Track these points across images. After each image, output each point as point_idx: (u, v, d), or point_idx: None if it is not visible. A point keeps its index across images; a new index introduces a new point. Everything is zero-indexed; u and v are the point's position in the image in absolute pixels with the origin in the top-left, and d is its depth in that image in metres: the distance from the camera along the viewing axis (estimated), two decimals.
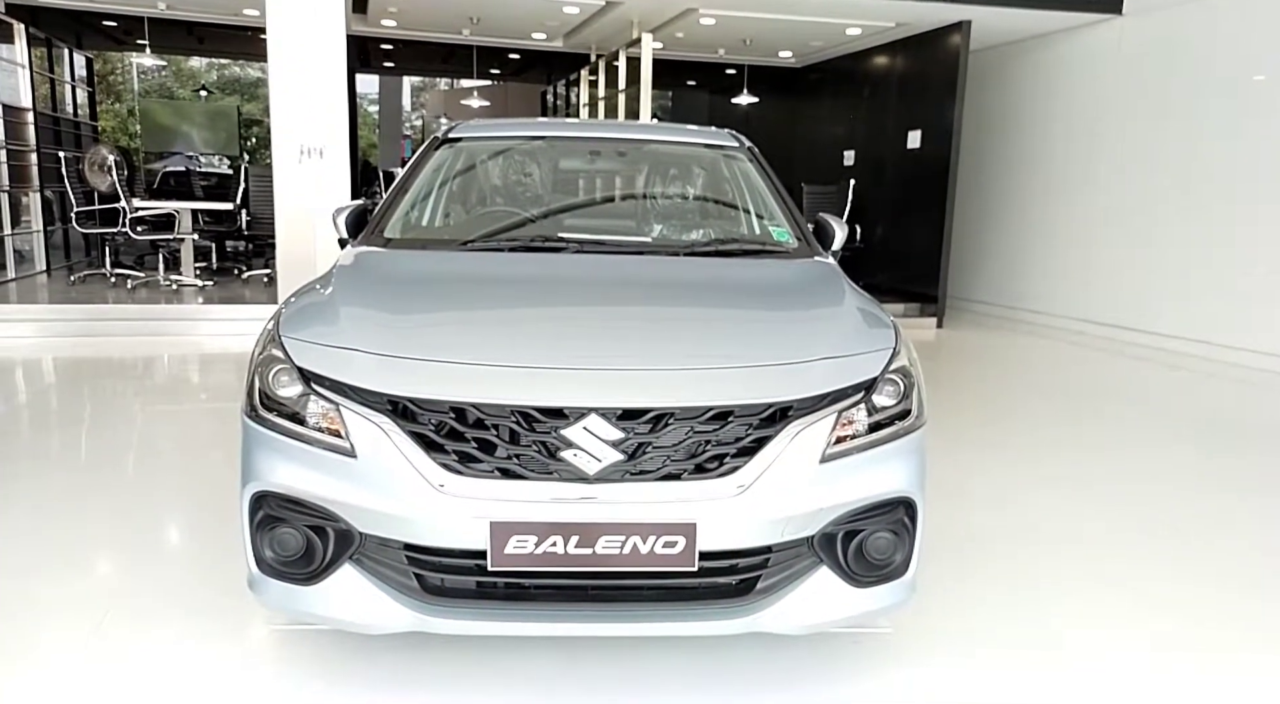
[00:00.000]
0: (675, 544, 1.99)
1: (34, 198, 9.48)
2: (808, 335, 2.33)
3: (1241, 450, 4.88)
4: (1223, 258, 7.52)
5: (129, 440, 4.54)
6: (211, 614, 2.59)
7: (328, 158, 7.12)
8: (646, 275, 2.81)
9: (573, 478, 1.99)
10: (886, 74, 10.37)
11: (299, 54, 6.97)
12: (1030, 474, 4.28)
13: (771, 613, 2.08)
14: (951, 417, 5.19)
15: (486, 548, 1.97)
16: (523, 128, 3.81)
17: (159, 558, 3.10)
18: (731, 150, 3.59)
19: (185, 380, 6.29)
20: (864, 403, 2.16)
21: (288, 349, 2.17)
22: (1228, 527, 3.64)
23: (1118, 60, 8.48)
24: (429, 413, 2.02)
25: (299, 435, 2.07)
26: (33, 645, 2.43)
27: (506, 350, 2.16)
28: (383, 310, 2.33)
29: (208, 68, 25.20)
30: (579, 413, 2.00)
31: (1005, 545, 3.32)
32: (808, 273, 2.89)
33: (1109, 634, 2.64)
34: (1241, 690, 2.39)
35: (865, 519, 2.14)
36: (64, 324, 7.12)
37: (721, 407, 2.04)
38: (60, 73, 11.02)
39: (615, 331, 2.37)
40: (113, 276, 8.74)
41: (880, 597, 2.18)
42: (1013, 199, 9.83)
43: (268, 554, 2.11)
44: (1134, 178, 8.34)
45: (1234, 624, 2.76)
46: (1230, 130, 7.42)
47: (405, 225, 3.18)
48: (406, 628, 2.05)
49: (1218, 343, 7.48)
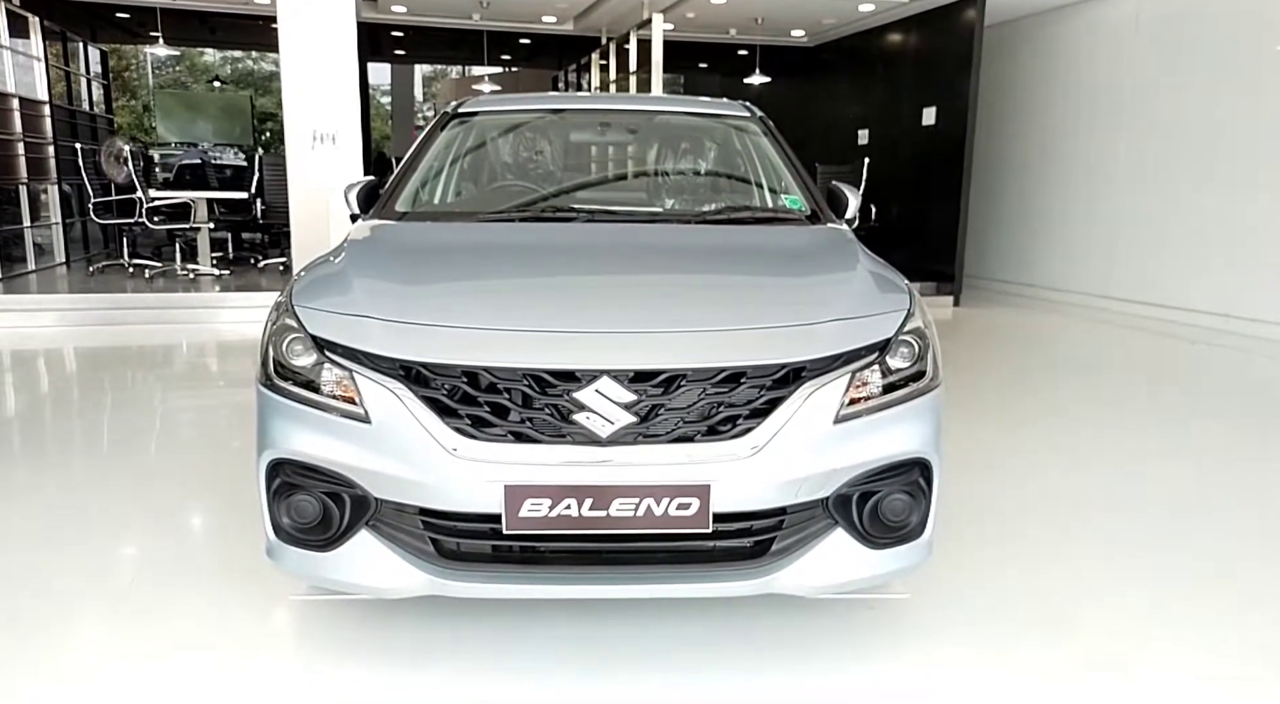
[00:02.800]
0: (689, 506, 1.99)
1: (52, 191, 9.57)
2: (820, 298, 2.32)
3: (1263, 424, 4.81)
4: (1244, 230, 7.41)
5: (150, 424, 4.59)
6: (231, 585, 2.62)
7: (340, 144, 7.15)
8: (658, 242, 2.80)
9: (586, 441, 1.99)
10: (900, 51, 10.26)
11: (310, 39, 6.99)
12: (1050, 448, 4.24)
13: (787, 575, 2.08)
14: (971, 393, 5.16)
15: (501, 511, 1.97)
16: (533, 102, 3.80)
17: (180, 533, 3.13)
18: (743, 121, 3.56)
19: (204, 367, 6.34)
20: (878, 364, 2.15)
21: (301, 318, 2.18)
22: (1250, 500, 3.60)
23: (1136, 32, 8.35)
24: (442, 377, 2.02)
25: (314, 403, 2.09)
26: (61, 612, 2.46)
27: (518, 315, 2.17)
28: (395, 279, 2.34)
29: (221, 62, 25.34)
30: (591, 375, 2.00)
31: (1024, 517, 3.30)
32: (820, 239, 2.87)
33: (1127, 609, 2.62)
34: (1258, 667, 2.36)
35: (880, 480, 2.12)
36: (84, 313, 7.19)
37: (734, 368, 2.03)
38: (75, 67, 11.10)
39: (627, 295, 2.36)
40: (131, 267, 8.81)
41: (896, 558, 2.17)
42: (1030, 175, 9.72)
43: (285, 521, 2.13)
44: (1153, 151, 8.22)
45: (1255, 600, 2.73)
46: (1252, 101, 7.30)
47: (416, 199, 3.19)
48: (422, 591, 2.06)
49: (1239, 316, 7.38)
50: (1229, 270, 7.52)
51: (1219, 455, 4.14)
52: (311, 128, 7.07)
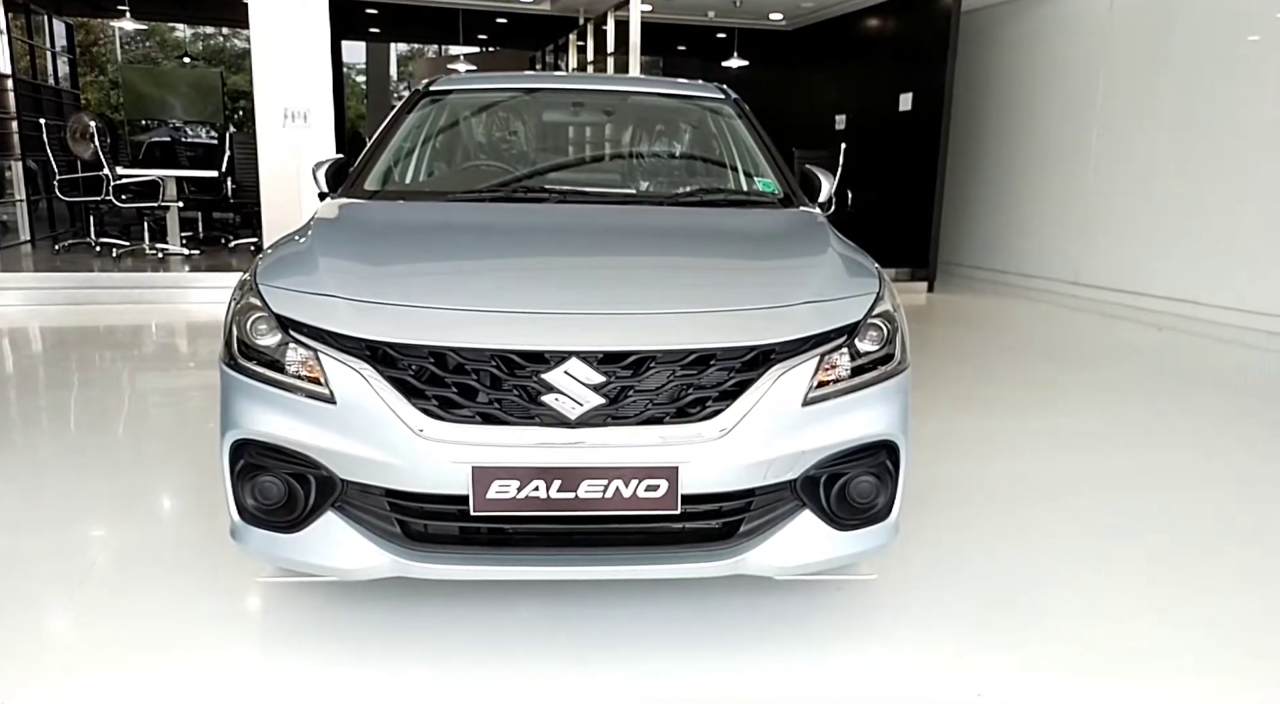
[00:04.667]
0: (658, 488, 1.99)
1: (16, 167, 9.37)
2: (790, 281, 2.32)
3: (1235, 408, 4.89)
4: (1217, 219, 7.50)
5: (118, 405, 4.52)
6: (197, 568, 2.59)
7: (312, 122, 7.04)
8: (629, 223, 2.79)
9: (554, 422, 1.98)
10: (878, 36, 10.26)
11: (281, 13, 6.86)
12: (1018, 432, 4.29)
13: (754, 556, 2.09)
14: (941, 377, 5.20)
15: (468, 493, 1.96)
16: (507, 81, 3.77)
17: (146, 514, 3.09)
18: (719, 103, 3.55)
19: (172, 347, 6.25)
20: (847, 347, 2.15)
21: (265, 297, 2.15)
22: (1215, 480, 3.66)
23: (1110, 20, 8.40)
24: (408, 358, 2.00)
25: (278, 383, 2.06)
26: (21, 595, 2.42)
27: (487, 295, 2.15)
28: (362, 259, 2.31)
29: (192, 38, 24.86)
30: (560, 357, 1.99)
31: (991, 499, 3.33)
32: (792, 222, 2.87)
33: (1096, 590, 2.65)
34: (1235, 640, 2.41)
35: (848, 462, 2.14)
36: (49, 293, 7.06)
37: (703, 350, 2.03)
38: (41, 40, 10.85)
39: (596, 276, 2.35)
40: (98, 246, 8.65)
41: (863, 539, 2.18)
42: (1005, 162, 9.78)
43: (249, 502, 2.11)
44: (1127, 139, 8.30)
45: (1220, 572, 2.79)
46: (1224, 91, 7.37)
47: (386, 178, 3.15)
48: (389, 573, 2.05)
49: (1211, 304, 7.49)
50: (1198, 258, 7.61)
51: (1186, 440, 4.21)
52: (283, 105, 6.96)
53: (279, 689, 2.05)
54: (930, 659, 2.23)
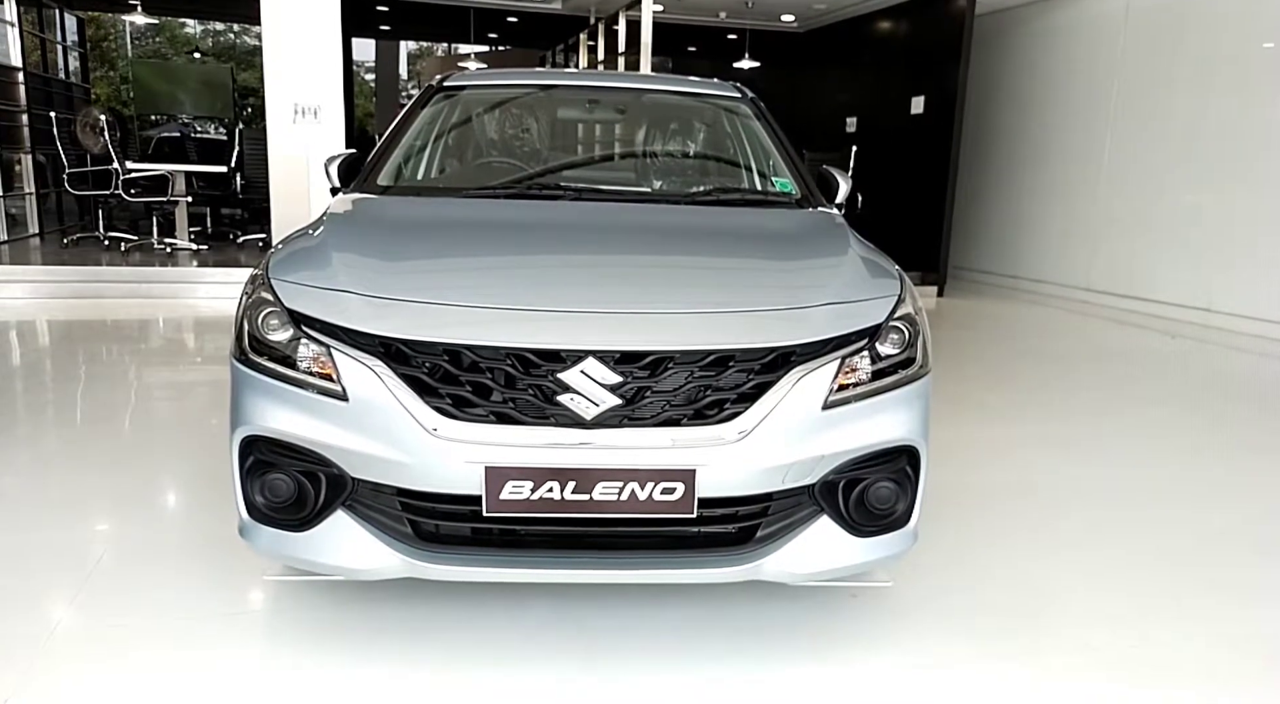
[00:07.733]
0: (674, 491, 1.95)
1: (26, 161, 9.37)
2: (811, 282, 2.28)
3: (1240, 414, 4.84)
4: (1228, 226, 7.44)
5: (125, 400, 4.50)
6: (204, 565, 2.56)
7: (323, 118, 7.02)
8: (647, 222, 2.75)
9: (569, 423, 1.95)
10: (890, 39, 10.21)
11: (293, 9, 6.84)
12: (1031, 435, 4.24)
13: (771, 561, 2.05)
14: (953, 382, 5.15)
15: (481, 493, 1.93)
16: (520, 77, 3.73)
17: (153, 510, 3.07)
18: (735, 102, 3.51)
19: (180, 342, 6.23)
20: (868, 350, 2.11)
21: (278, 292, 2.12)
22: (1224, 486, 3.61)
23: (1125, 25, 8.34)
24: (422, 356, 1.97)
25: (289, 379, 2.03)
26: (26, 590, 2.39)
27: (502, 293, 2.11)
28: (376, 254, 2.28)
29: (202, 34, 24.88)
30: (576, 356, 1.95)
31: (1006, 504, 3.29)
32: (811, 222, 2.83)
33: (1112, 597, 2.61)
34: (1252, 651, 2.36)
35: (867, 468, 2.10)
36: (57, 285, 7.04)
37: (722, 351, 1.99)
38: (52, 34, 10.85)
39: (614, 275, 2.32)
40: (106, 239, 8.65)
41: (882, 546, 2.14)
42: (1016, 167, 9.72)
43: (259, 500, 2.07)
44: (1139, 146, 8.24)
45: (1239, 584, 2.74)
46: (1238, 98, 7.31)
47: (399, 173, 3.12)
48: (399, 574, 2.02)
49: (1220, 311, 7.43)
50: (1211, 265, 7.56)
51: (1200, 448, 4.16)
52: (293, 101, 6.94)
53: (286, 690, 2.02)
54: (945, 668, 2.19)
